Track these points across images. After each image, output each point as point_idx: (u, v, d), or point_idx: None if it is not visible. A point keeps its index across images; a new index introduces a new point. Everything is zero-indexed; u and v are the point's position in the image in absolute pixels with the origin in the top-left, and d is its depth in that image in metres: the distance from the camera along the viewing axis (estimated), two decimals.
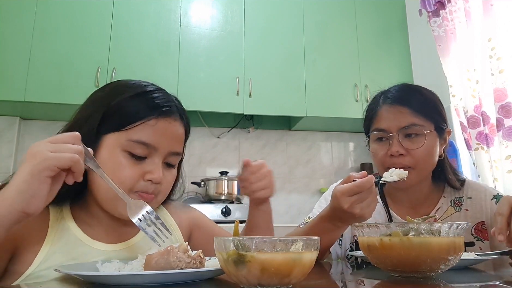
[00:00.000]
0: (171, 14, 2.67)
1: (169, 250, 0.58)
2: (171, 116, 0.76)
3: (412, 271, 0.60)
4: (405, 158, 0.98)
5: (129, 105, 0.73)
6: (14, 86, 2.30)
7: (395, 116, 0.99)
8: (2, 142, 2.55)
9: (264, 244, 0.48)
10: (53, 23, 2.45)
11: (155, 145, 0.72)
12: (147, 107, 0.73)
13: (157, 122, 0.73)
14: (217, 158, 2.94)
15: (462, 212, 1.05)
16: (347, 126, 3.04)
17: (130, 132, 0.71)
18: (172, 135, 0.76)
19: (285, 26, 2.83)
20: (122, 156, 0.71)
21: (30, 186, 0.55)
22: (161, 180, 0.73)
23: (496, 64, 1.99)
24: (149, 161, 0.73)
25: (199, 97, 2.57)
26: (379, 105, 1.04)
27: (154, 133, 0.72)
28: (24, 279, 0.66)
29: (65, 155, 0.56)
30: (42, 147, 0.57)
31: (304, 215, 1.15)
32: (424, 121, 0.99)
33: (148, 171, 0.72)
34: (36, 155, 0.56)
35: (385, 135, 1.00)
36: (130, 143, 0.71)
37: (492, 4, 2.05)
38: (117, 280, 0.53)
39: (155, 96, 0.76)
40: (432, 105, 1.04)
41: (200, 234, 0.92)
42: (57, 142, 0.58)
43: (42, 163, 0.55)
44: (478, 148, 2.08)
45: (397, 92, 1.05)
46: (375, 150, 1.03)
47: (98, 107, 0.74)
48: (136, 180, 0.71)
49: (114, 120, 0.72)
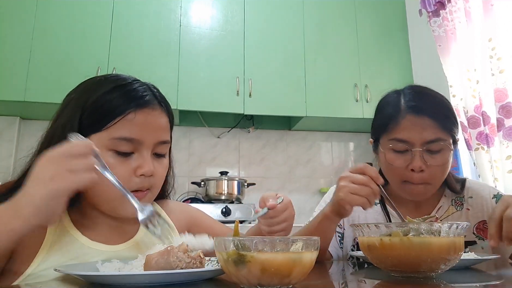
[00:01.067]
0: (171, 14, 2.67)
1: (169, 250, 0.58)
2: (148, 106, 0.74)
3: (412, 271, 0.60)
4: (424, 173, 0.94)
5: (104, 103, 0.71)
6: (14, 86, 2.30)
7: (421, 128, 0.93)
8: (2, 142, 2.55)
9: (264, 244, 0.48)
10: (53, 23, 2.45)
11: (139, 139, 0.71)
12: (122, 101, 0.71)
13: (136, 115, 0.71)
14: (217, 158, 2.94)
15: (464, 211, 1.05)
16: (347, 126, 3.04)
17: (111, 130, 0.70)
18: (155, 125, 0.74)
19: (285, 26, 2.83)
20: (109, 156, 0.70)
21: (50, 207, 0.55)
22: (152, 172, 0.72)
23: (497, 64, 1.99)
24: (137, 155, 0.72)
25: (199, 97, 2.57)
26: (400, 112, 0.96)
27: (135, 127, 0.71)
28: (23, 279, 0.66)
29: (85, 176, 0.56)
30: (59, 166, 0.55)
31: (304, 215, 1.15)
32: (446, 135, 0.95)
33: (138, 166, 0.71)
34: (55, 177, 0.54)
35: (407, 148, 0.94)
36: (113, 141, 0.70)
37: (492, 4, 2.05)
38: (117, 280, 0.53)
39: (129, 89, 0.74)
40: (453, 117, 0.98)
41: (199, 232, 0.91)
42: (71, 156, 0.56)
43: (63, 186, 0.55)
44: (479, 148, 2.08)
45: (419, 100, 0.97)
46: (393, 162, 0.96)
47: (74, 109, 0.73)
48: (129, 178, 0.71)
49: (93, 120, 0.71)
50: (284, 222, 0.77)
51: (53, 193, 0.54)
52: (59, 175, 0.55)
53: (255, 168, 2.99)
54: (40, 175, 0.55)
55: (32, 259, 0.67)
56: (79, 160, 0.56)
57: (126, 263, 0.64)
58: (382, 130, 1.00)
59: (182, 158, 2.84)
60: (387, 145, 0.97)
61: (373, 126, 1.07)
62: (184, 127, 2.90)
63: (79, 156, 0.57)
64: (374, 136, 1.05)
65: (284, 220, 0.77)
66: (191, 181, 2.73)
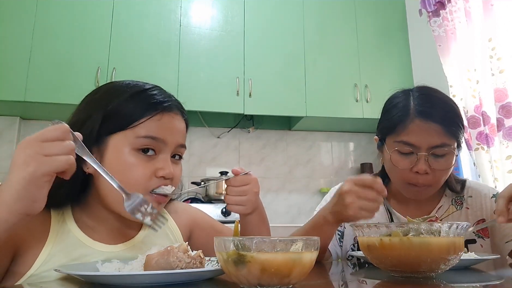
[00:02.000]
0: (171, 14, 2.67)
1: (169, 250, 0.58)
2: (172, 110, 0.77)
3: (412, 271, 0.60)
4: (428, 176, 0.95)
5: (131, 104, 0.73)
6: (14, 86, 2.30)
7: (428, 134, 0.94)
8: (2, 142, 2.55)
9: (264, 244, 0.48)
10: (53, 23, 2.45)
11: (164, 139, 0.73)
12: (150, 103, 0.74)
13: (162, 116, 0.74)
14: (217, 158, 2.94)
15: (463, 210, 1.06)
16: (347, 126, 3.04)
17: (137, 129, 0.72)
18: (177, 128, 0.77)
19: (285, 26, 2.84)
20: (132, 155, 0.71)
21: (29, 192, 0.54)
22: (172, 175, 0.74)
23: (497, 64, 1.99)
24: (159, 157, 0.73)
25: (199, 97, 2.57)
26: (409, 115, 0.96)
27: (161, 128, 0.73)
28: (25, 280, 0.66)
29: (61, 158, 0.55)
30: (34, 150, 0.55)
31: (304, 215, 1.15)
32: (452, 140, 0.96)
33: (160, 168, 0.72)
34: (30, 161, 0.54)
35: (413, 151, 0.95)
36: (138, 140, 0.71)
37: (492, 4, 2.05)
38: (117, 280, 0.53)
39: (154, 93, 0.77)
40: (459, 121, 0.99)
41: (201, 233, 0.92)
42: (47, 141, 0.56)
43: (38, 169, 0.54)
44: (479, 148, 2.08)
45: (430, 105, 0.97)
46: (397, 163, 0.97)
47: (96, 109, 0.73)
48: (149, 178, 0.71)
49: (118, 120, 0.72)
50: (243, 194, 0.78)
51: (29, 177, 0.53)
52: (33, 158, 0.54)
53: (255, 168, 2.98)
54: (16, 161, 0.55)
55: (35, 259, 0.67)
56: (55, 144, 0.56)
57: (126, 263, 0.64)
58: (389, 131, 1.01)
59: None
60: (393, 147, 0.98)
61: (379, 125, 1.07)
62: None
63: (55, 139, 0.56)
64: (380, 135, 1.05)
65: (243, 192, 0.78)
66: (191, 181, 2.73)
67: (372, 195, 0.80)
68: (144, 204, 0.67)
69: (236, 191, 0.79)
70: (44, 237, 0.70)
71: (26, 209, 0.54)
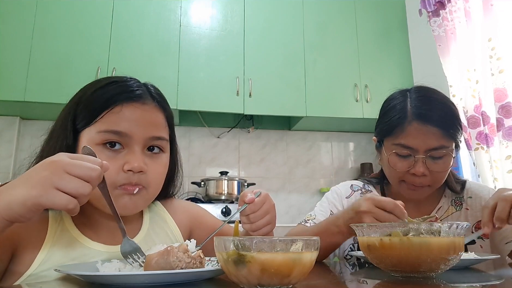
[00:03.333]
0: (171, 14, 2.67)
1: (169, 250, 0.58)
2: (138, 101, 0.74)
3: (412, 271, 0.60)
4: (426, 178, 0.96)
5: (95, 98, 0.73)
6: (14, 86, 2.30)
7: (426, 137, 0.94)
8: (2, 142, 2.55)
9: (264, 244, 0.48)
10: (53, 23, 2.45)
11: (127, 132, 0.71)
12: (110, 95, 0.72)
13: (122, 108, 0.72)
14: (217, 158, 2.94)
15: (463, 211, 1.06)
16: (347, 126, 3.04)
17: (98, 124, 0.71)
18: (145, 119, 0.73)
19: (285, 26, 2.83)
20: (99, 150, 0.69)
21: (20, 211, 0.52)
22: (142, 168, 0.70)
23: (496, 64, 1.99)
24: (127, 151, 0.71)
25: (199, 97, 2.57)
26: (407, 118, 0.96)
27: (122, 120, 0.71)
28: (24, 279, 0.66)
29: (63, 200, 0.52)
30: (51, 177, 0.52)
31: (304, 215, 1.15)
32: (449, 142, 0.96)
33: (126, 161, 0.70)
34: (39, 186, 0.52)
35: (410, 153, 0.96)
36: (100, 135, 0.70)
37: (492, 4, 2.05)
38: (117, 280, 0.53)
39: (120, 85, 0.75)
40: (457, 123, 0.99)
41: (201, 231, 0.90)
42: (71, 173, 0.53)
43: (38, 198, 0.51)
44: (478, 148, 2.08)
45: (428, 108, 0.97)
46: (395, 165, 0.98)
47: (70, 107, 0.75)
48: (116, 173, 0.69)
49: (84, 115, 0.72)
50: (267, 214, 0.75)
51: (27, 201, 0.51)
52: (43, 185, 0.52)
53: (255, 168, 2.99)
54: (29, 175, 0.53)
55: (33, 259, 0.67)
56: (73, 182, 0.53)
57: (126, 263, 0.64)
58: (387, 133, 1.01)
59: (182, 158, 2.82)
60: (391, 149, 0.98)
61: (377, 127, 1.07)
62: (184, 127, 2.90)
63: (77, 176, 0.53)
64: (378, 137, 1.05)
65: (266, 212, 0.74)
66: (191, 181, 2.73)
67: (389, 219, 0.79)
68: (137, 252, 0.65)
69: (260, 214, 0.74)
70: (42, 237, 0.69)
71: (11, 218, 0.53)
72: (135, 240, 0.79)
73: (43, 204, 0.52)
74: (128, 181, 0.70)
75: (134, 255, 0.65)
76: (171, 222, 0.88)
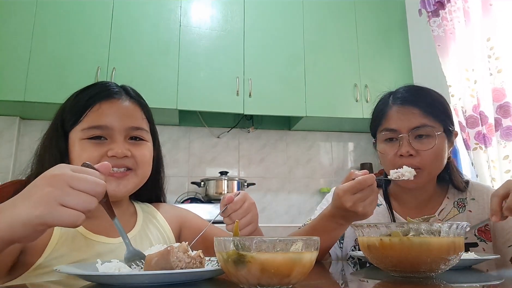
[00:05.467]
0: (171, 14, 2.67)
1: (169, 250, 0.58)
2: (114, 97, 0.83)
3: (412, 271, 0.60)
4: (414, 158, 0.97)
5: (76, 101, 0.83)
6: (14, 86, 2.30)
7: (406, 117, 0.99)
8: (2, 142, 2.55)
9: (264, 244, 0.48)
10: (53, 23, 2.45)
11: (107, 125, 0.79)
12: (89, 97, 0.83)
13: (100, 106, 0.81)
14: (217, 158, 2.94)
15: (466, 213, 1.05)
16: (347, 126, 3.04)
17: (82, 123, 0.80)
18: (122, 112, 0.82)
19: (285, 26, 2.83)
20: (83, 144, 0.79)
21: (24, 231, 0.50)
22: (124, 153, 0.79)
23: (495, 63, 1.99)
24: (110, 140, 0.80)
25: (199, 97, 2.56)
26: (389, 105, 1.03)
27: (101, 116, 0.80)
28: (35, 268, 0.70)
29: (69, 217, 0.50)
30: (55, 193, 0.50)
31: (304, 215, 1.15)
32: (434, 123, 0.99)
33: (109, 148, 0.79)
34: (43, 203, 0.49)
35: (395, 136, 1.00)
36: (85, 132, 0.79)
37: (491, 4, 2.05)
38: (117, 280, 0.53)
39: (98, 87, 0.85)
40: (441, 107, 1.03)
41: (188, 232, 0.95)
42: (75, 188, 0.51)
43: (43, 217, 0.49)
44: (477, 148, 2.08)
45: (407, 93, 1.04)
46: (384, 151, 1.02)
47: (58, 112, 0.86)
48: (100, 159, 0.77)
49: (70, 118, 0.82)
50: (248, 213, 0.78)
51: (32, 220, 0.49)
52: (47, 203, 0.49)
53: (255, 168, 2.99)
54: (31, 192, 0.51)
55: (43, 249, 0.71)
56: (78, 197, 0.51)
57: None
58: (375, 125, 1.06)
59: (182, 158, 2.84)
60: (380, 138, 1.04)
61: (370, 125, 1.11)
62: (184, 127, 2.90)
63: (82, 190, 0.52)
64: (372, 134, 1.09)
65: (247, 210, 0.77)
66: (191, 181, 2.73)
67: (367, 192, 0.80)
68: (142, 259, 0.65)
69: (241, 213, 0.77)
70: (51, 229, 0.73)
71: (14, 239, 0.51)
72: (130, 235, 0.83)
73: (49, 223, 0.50)
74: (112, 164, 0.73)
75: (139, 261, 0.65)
76: (162, 221, 0.93)
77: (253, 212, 0.79)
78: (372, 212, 0.82)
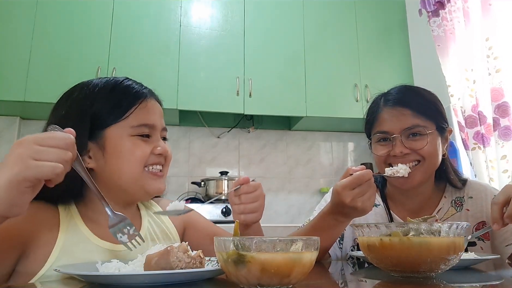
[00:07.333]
0: (171, 14, 2.67)
1: (169, 250, 0.58)
2: (151, 96, 0.84)
3: (412, 271, 0.60)
4: (409, 155, 0.98)
5: (115, 97, 0.79)
6: (14, 86, 2.30)
7: (397, 118, 1.00)
8: (2, 142, 2.55)
9: (264, 244, 0.48)
10: (53, 23, 2.45)
11: (154, 123, 0.81)
12: (132, 93, 0.81)
13: (147, 103, 0.81)
14: (217, 158, 2.94)
15: (463, 212, 1.05)
16: (347, 126, 3.04)
17: (130, 119, 0.78)
18: (159, 111, 0.85)
19: (285, 26, 2.83)
20: (131, 140, 0.78)
21: (9, 195, 0.52)
22: (167, 152, 0.82)
23: (493, 63, 1.99)
24: (153, 139, 0.81)
25: (199, 97, 2.56)
26: (380, 107, 1.04)
27: (149, 113, 0.81)
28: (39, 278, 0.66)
29: (48, 166, 0.53)
30: (25, 151, 0.53)
31: (304, 215, 1.16)
32: (425, 122, 0.99)
33: (156, 146, 0.80)
34: (18, 162, 0.52)
35: (388, 137, 1.01)
36: (134, 129, 0.78)
37: (491, 4, 2.05)
38: (117, 280, 0.53)
39: (130, 83, 0.84)
40: (432, 105, 1.04)
41: (194, 232, 0.95)
42: (44, 145, 0.54)
43: (21, 173, 0.52)
44: (475, 147, 2.08)
45: (397, 94, 1.05)
46: (378, 152, 1.03)
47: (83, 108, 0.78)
48: (148, 156, 0.79)
49: (110, 114, 0.78)
50: (257, 200, 0.80)
51: (12, 179, 0.51)
52: (21, 160, 0.52)
53: (255, 168, 2.99)
54: (7, 158, 0.53)
55: (47, 257, 0.68)
56: (50, 150, 0.54)
57: (126, 263, 0.64)
58: (369, 127, 1.08)
59: (182, 158, 2.84)
60: (373, 139, 1.05)
61: (364, 128, 1.12)
62: (184, 127, 2.90)
63: (54, 146, 0.55)
64: (367, 135, 1.11)
65: (257, 197, 0.80)
66: (191, 181, 2.73)
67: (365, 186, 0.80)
68: (127, 226, 0.69)
69: (252, 197, 0.80)
70: (55, 234, 0.71)
71: (3, 212, 0.53)
72: None
73: (29, 177, 0.52)
74: (157, 160, 0.80)
75: (124, 228, 0.67)
76: (166, 220, 0.92)
77: (261, 202, 0.81)
78: (371, 208, 0.82)
